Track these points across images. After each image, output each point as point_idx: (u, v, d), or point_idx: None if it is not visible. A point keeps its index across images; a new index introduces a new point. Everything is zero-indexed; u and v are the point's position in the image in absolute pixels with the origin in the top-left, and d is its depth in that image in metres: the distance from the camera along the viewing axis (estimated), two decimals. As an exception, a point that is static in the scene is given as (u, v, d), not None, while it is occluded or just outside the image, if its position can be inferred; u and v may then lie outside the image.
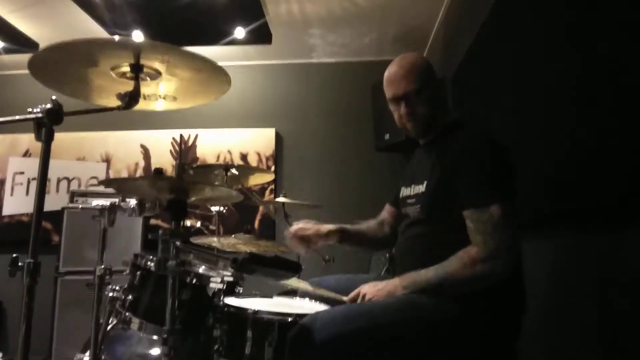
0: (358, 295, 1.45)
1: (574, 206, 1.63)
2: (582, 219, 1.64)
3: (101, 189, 3.50)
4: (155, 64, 1.35)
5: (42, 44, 3.65)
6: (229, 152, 4.04)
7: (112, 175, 4.03)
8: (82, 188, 3.92)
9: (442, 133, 1.56)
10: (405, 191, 1.63)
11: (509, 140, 1.41)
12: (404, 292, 1.38)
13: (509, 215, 1.31)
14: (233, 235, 2.35)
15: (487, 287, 1.33)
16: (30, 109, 1.13)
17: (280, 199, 2.70)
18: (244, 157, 4.03)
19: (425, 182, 1.50)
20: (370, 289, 1.43)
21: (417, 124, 1.55)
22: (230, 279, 1.69)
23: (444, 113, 1.60)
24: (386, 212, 1.85)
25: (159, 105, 1.59)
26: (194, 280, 1.57)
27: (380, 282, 1.45)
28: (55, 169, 3.94)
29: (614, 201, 1.43)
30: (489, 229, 1.30)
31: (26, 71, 1.30)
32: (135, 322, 1.55)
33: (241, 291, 1.80)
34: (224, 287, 1.61)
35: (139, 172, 4.04)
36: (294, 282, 1.72)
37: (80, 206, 3.25)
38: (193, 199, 1.57)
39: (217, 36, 3.54)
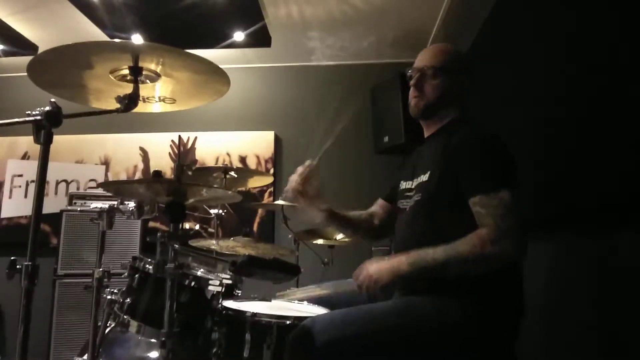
0: (365, 275, 1.41)
1: (573, 208, 1.63)
2: (580, 220, 1.65)
3: (100, 191, 3.49)
4: (153, 66, 1.35)
5: (42, 46, 3.65)
6: (228, 154, 4.04)
7: (110, 177, 4.03)
8: (81, 190, 3.92)
9: (447, 127, 1.56)
10: (405, 184, 1.62)
11: (508, 141, 1.41)
12: (408, 269, 1.34)
13: (516, 202, 1.30)
14: (232, 238, 2.35)
15: (490, 285, 1.32)
16: (29, 112, 1.13)
17: (279, 202, 2.70)
18: (243, 159, 4.03)
19: (429, 172, 1.48)
20: (375, 267, 1.40)
21: (418, 101, 1.57)
22: (229, 281, 1.69)
23: (453, 110, 1.57)
24: (377, 205, 1.83)
25: (157, 108, 1.59)
26: (193, 283, 1.57)
27: (385, 260, 1.41)
28: (54, 171, 3.93)
29: (612, 202, 1.44)
30: (499, 212, 1.28)
31: (25, 74, 1.30)
32: (134, 325, 1.55)
33: (240, 294, 1.79)
34: (223, 290, 1.61)
35: (138, 175, 4.04)
36: (298, 294, 1.70)
37: (78, 209, 3.24)
38: (192, 200, 1.58)
39: (216, 39, 3.54)
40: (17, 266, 1.08)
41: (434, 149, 1.54)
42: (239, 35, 3.53)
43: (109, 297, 1.62)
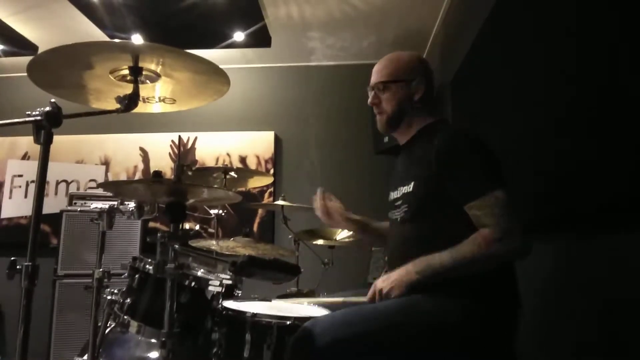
0: (374, 291, 1.42)
1: (572, 209, 1.63)
2: (581, 221, 1.65)
3: (100, 191, 3.49)
4: (153, 66, 1.35)
5: (42, 46, 3.65)
6: (228, 155, 4.04)
7: (110, 178, 4.03)
8: (81, 191, 3.92)
9: (424, 133, 1.56)
10: (392, 195, 1.62)
11: (507, 144, 1.41)
12: (417, 277, 1.35)
13: (511, 200, 1.31)
14: (232, 239, 2.35)
15: (489, 284, 1.33)
16: (29, 112, 1.13)
17: (279, 202, 2.70)
18: (243, 160, 4.03)
19: (412, 183, 1.49)
20: (384, 283, 1.41)
21: (381, 117, 1.61)
22: (229, 282, 1.69)
23: (423, 115, 1.58)
24: None
25: (157, 108, 1.59)
26: (193, 283, 1.57)
27: (393, 273, 1.41)
28: (54, 171, 3.93)
29: (611, 204, 1.43)
30: (497, 211, 1.29)
31: (25, 74, 1.31)
32: (134, 325, 1.54)
33: (240, 294, 1.79)
34: (223, 290, 1.61)
35: (138, 175, 4.04)
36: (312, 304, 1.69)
37: (79, 209, 3.25)
38: (192, 200, 1.58)
39: (216, 39, 3.54)
40: (17, 266, 1.08)
41: (414, 157, 1.54)
42: (239, 36, 3.53)
43: (109, 297, 1.62)
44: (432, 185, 1.42)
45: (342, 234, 2.71)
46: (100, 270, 1.65)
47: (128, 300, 1.58)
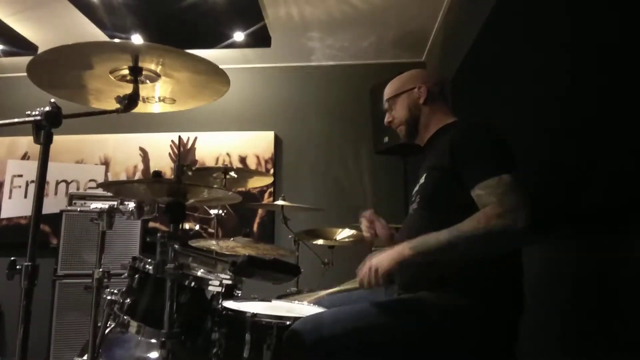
0: (366, 268, 1.38)
1: (574, 208, 1.63)
2: (581, 221, 1.65)
3: (100, 191, 3.49)
4: (153, 66, 1.35)
5: (42, 46, 3.65)
6: (228, 155, 4.03)
7: (110, 178, 4.02)
8: (81, 191, 3.92)
9: (440, 132, 1.59)
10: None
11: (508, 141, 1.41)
12: (411, 253, 1.31)
13: (519, 182, 1.29)
14: (232, 239, 2.35)
15: (488, 283, 1.31)
16: (29, 112, 1.13)
17: (279, 202, 2.70)
18: (242, 160, 4.03)
19: (424, 175, 1.53)
20: (375, 258, 1.37)
21: (399, 129, 1.70)
22: (229, 282, 1.69)
23: (439, 117, 1.62)
24: None
25: (157, 108, 1.59)
26: (193, 284, 1.57)
27: (386, 250, 1.39)
28: (54, 171, 3.93)
29: (613, 203, 1.43)
30: (501, 190, 1.27)
31: (25, 74, 1.30)
32: (134, 326, 1.54)
33: (240, 294, 1.79)
34: (223, 291, 1.61)
35: (138, 175, 4.03)
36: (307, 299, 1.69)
37: (78, 209, 3.24)
38: (192, 200, 1.57)
39: (216, 39, 3.54)
40: (17, 266, 1.08)
41: (431, 151, 1.59)
42: (238, 36, 3.53)
43: (108, 297, 1.62)
44: (443, 175, 1.43)
45: (342, 234, 2.71)
46: (100, 270, 1.65)
47: (128, 300, 1.58)
